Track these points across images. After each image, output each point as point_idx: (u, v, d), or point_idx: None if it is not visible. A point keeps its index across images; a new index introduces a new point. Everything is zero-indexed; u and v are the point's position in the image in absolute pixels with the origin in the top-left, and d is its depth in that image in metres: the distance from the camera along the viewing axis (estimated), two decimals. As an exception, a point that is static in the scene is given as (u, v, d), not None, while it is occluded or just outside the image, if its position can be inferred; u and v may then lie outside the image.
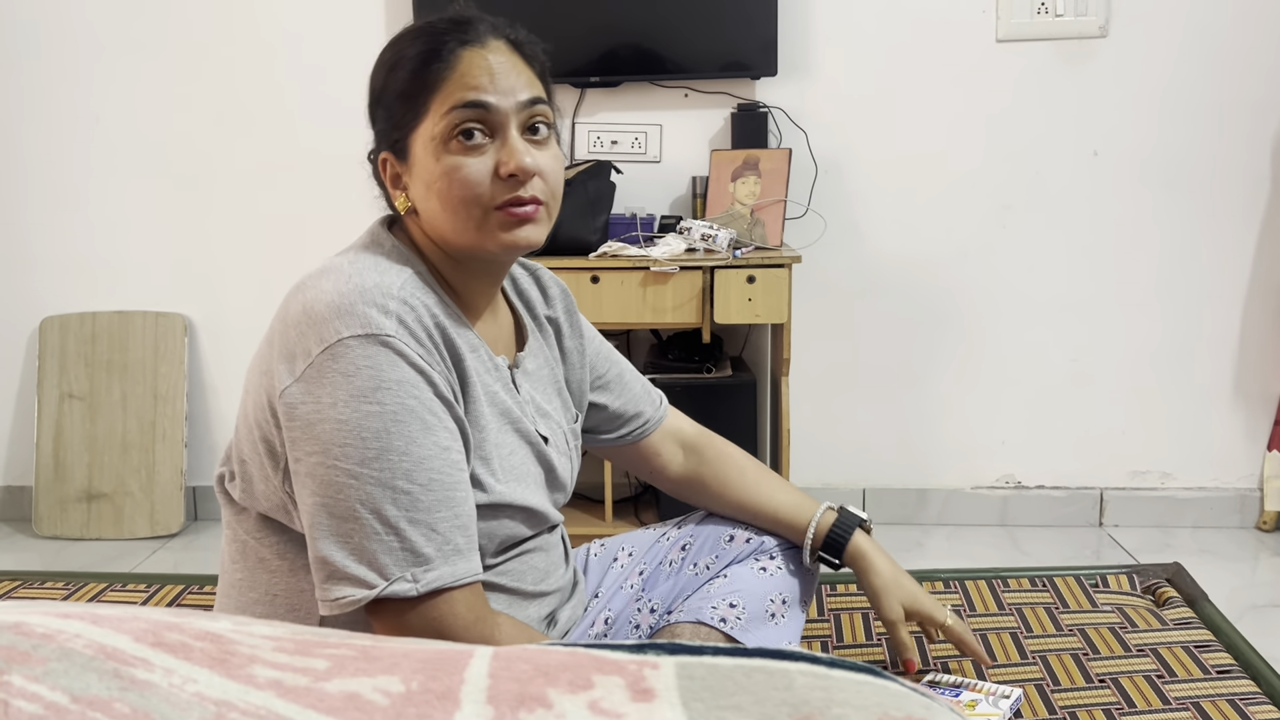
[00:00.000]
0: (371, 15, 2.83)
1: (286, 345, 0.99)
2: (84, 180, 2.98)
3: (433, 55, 1.03)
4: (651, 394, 1.39)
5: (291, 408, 0.97)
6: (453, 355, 1.04)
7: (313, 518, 0.98)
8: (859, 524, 1.34)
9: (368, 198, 1.18)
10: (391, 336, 0.97)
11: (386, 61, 1.08)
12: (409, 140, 1.05)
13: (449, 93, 1.02)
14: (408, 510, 0.96)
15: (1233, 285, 2.76)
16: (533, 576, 1.17)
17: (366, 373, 0.95)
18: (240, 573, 1.12)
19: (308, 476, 0.97)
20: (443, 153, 1.03)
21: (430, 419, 0.98)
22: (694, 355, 2.68)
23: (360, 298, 0.98)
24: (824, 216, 2.79)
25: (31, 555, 2.90)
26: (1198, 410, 2.83)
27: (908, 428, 2.92)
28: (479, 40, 1.04)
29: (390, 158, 1.09)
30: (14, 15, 2.90)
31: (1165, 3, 2.65)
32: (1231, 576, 2.54)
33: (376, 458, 0.95)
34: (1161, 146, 2.72)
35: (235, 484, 1.10)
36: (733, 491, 1.37)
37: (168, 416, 2.98)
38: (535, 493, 1.15)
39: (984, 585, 1.65)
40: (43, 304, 3.04)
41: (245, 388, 1.08)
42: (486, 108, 1.02)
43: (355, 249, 1.09)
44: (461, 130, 1.02)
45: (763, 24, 2.65)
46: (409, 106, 1.04)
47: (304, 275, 1.06)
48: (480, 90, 1.02)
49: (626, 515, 2.74)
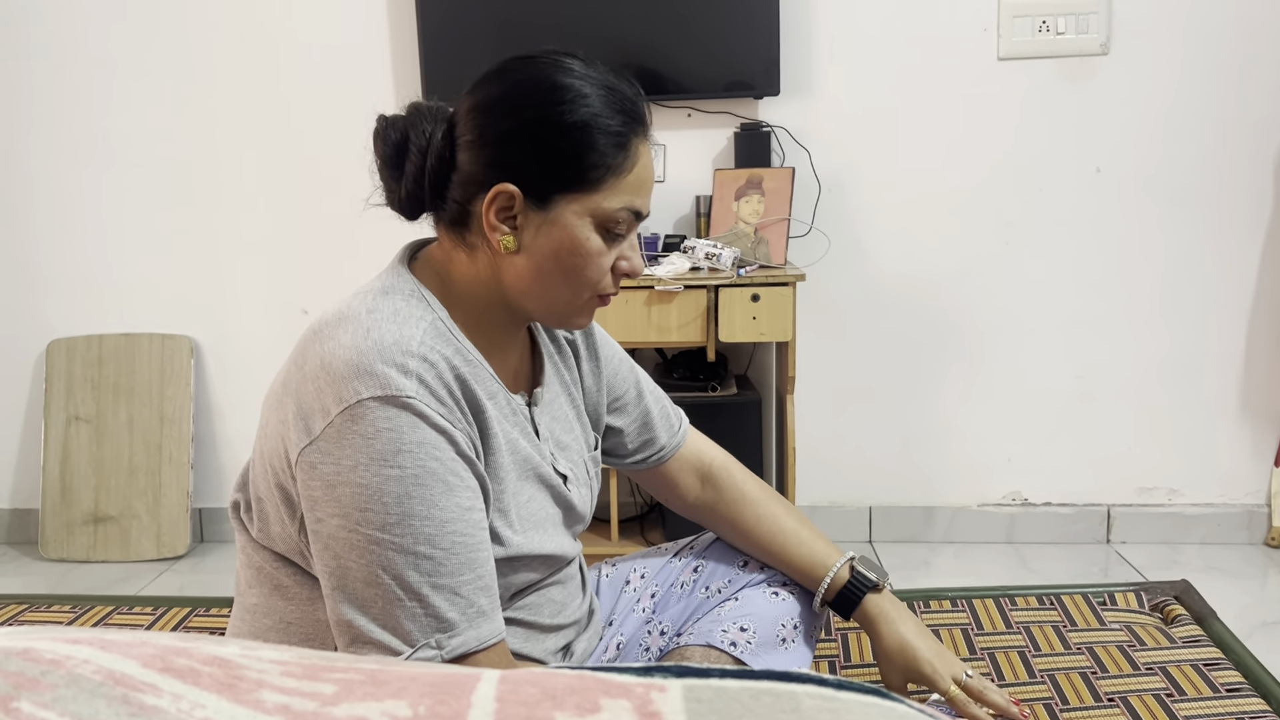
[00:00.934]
0: (379, 42, 2.85)
1: (304, 399, 0.97)
2: (91, 203, 2.99)
3: (624, 140, 1.03)
4: (670, 418, 1.37)
5: (311, 468, 0.96)
6: (473, 408, 1.03)
7: (335, 581, 0.96)
8: (871, 586, 1.30)
9: (375, 223, 1.17)
10: (412, 398, 0.95)
11: (566, 109, 1.01)
12: (558, 196, 1.03)
13: (627, 187, 1.04)
14: (431, 575, 0.95)
15: (1238, 301, 2.76)
16: (550, 610, 1.17)
17: (387, 435, 0.94)
18: (255, 598, 1.11)
19: (329, 539, 0.96)
20: (594, 231, 1.04)
21: (452, 480, 0.97)
22: (699, 374, 2.69)
23: (379, 356, 0.96)
24: (827, 235, 2.79)
25: (38, 578, 2.90)
26: (1204, 426, 2.82)
27: (913, 445, 2.92)
28: (648, 135, 1.07)
29: (518, 195, 1.02)
30: (24, 37, 2.92)
31: (1166, 19, 2.66)
32: (1240, 593, 2.53)
33: (398, 523, 0.94)
34: (1164, 163, 2.72)
35: (251, 518, 1.09)
36: (747, 537, 1.35)
37: (174, 439, 2.99)
38: (553, 537, 1.14)
39: (991, 604, 1.64)
40: (50, 327, 3.06)
41: (262, 423, 1.06)
42: (641, 218, 1.08)
43: (374, 292, 1.04)
44: (619, 224, 1.05)
45: (765, 44, 2.66)
46: (580, 172, 1.02)
47: (320, 319, 1.03)
48: (645, 202, 1.07)
49: (633, 534, 2.74)
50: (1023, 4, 2.68)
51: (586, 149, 1.01)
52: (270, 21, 2.86)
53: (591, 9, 2.70)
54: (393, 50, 2.84)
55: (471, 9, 2.70)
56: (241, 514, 1.12)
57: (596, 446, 1.27)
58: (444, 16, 2.71)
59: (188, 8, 2.87)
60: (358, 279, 3.14)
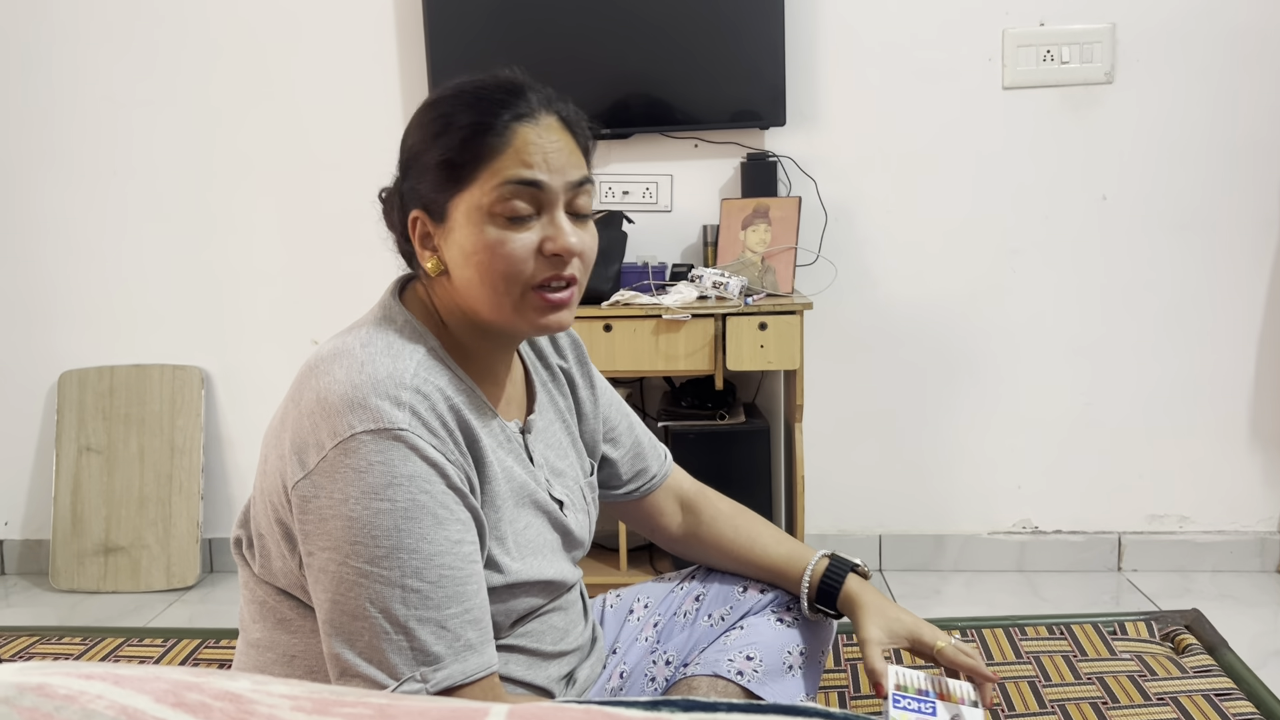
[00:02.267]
0: (387, 73, 2.87)
1: (300, 434, 0.99)
2: (102, 235, 3.02)
3: (485, 127, 1.02)
4: (657, 448, 1.39)
5: (305, 501, 0.97)
6: (468, 437, 1.04)
7: (325, 613, 0.97)
8: (851, 569, 1.32)
9: (383, 254, 1.19)
10: (404, 430, 0.96)
11: (431, 123, 1.06)
12: (449, 205, 1.04)
13: (502, 167, 1.01)
14: (417, 609, 0.95)
15: (1246, 327, 2.76)
16: (552, 636, 1.17)
17: (379, 469, 0.94)
18: (259, 632, 1.12)
19: (320, 572, 0.97)
20: (487, 224, 1.02)
21: (442, 513, 0.97)
22: (707, 402, 2.69)
23: (373, 389, 0.97)
24: (834, 263, 2.80)
25: (48, 609, 2.91)
26: (1214, 453, 2.82)
27: (923, 473, 2.91)
28: (532, 115, 1.03)
29: (424, 217, 1.06)
30: (33, 74, 2.96)
31: (1170, 48, 2.67)
32: (1252, 622, 2.51)
33: (386, 556, 0.94)
34: (1170, 189, 2.73)
35: (253, 554, 1.10)
36: (728, 550, 1.37)
37: (184, 469, 3.00)
38: (552, 563, 1.14)
39: (1001, 634, 1.64)
40: (61, 358, 3.08)
41: (263, 458, 1.07)
42: (539, 186, 1.02)
43: (367, 326, 1.07)
44: (509, 205, 1.02)
45: (771, 75, 2.68)
46: (455, 173, 1.03)
47: (316, 355, 1.04)
48: (534, 169, 1.02)
49: (641, 564, 2.73)
50: (1027, 34, 2.70)
51: (450, 152, 1.02)
52: (277, 55, 2.90)
53: (599, 42, 2.72)
54: (402, 86, 2.87)
55: (482, 41, 2.72)
56: (244, 550, 1.12)
57: (592, 473, 1.28)
58: (453, 55, 2.74)
59: (195, 43, 2.91)
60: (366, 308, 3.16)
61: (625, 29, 2.71)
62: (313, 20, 2.87)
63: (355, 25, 2.86)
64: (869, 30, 2.75)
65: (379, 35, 2.86)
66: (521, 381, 1.21)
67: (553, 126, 1.05)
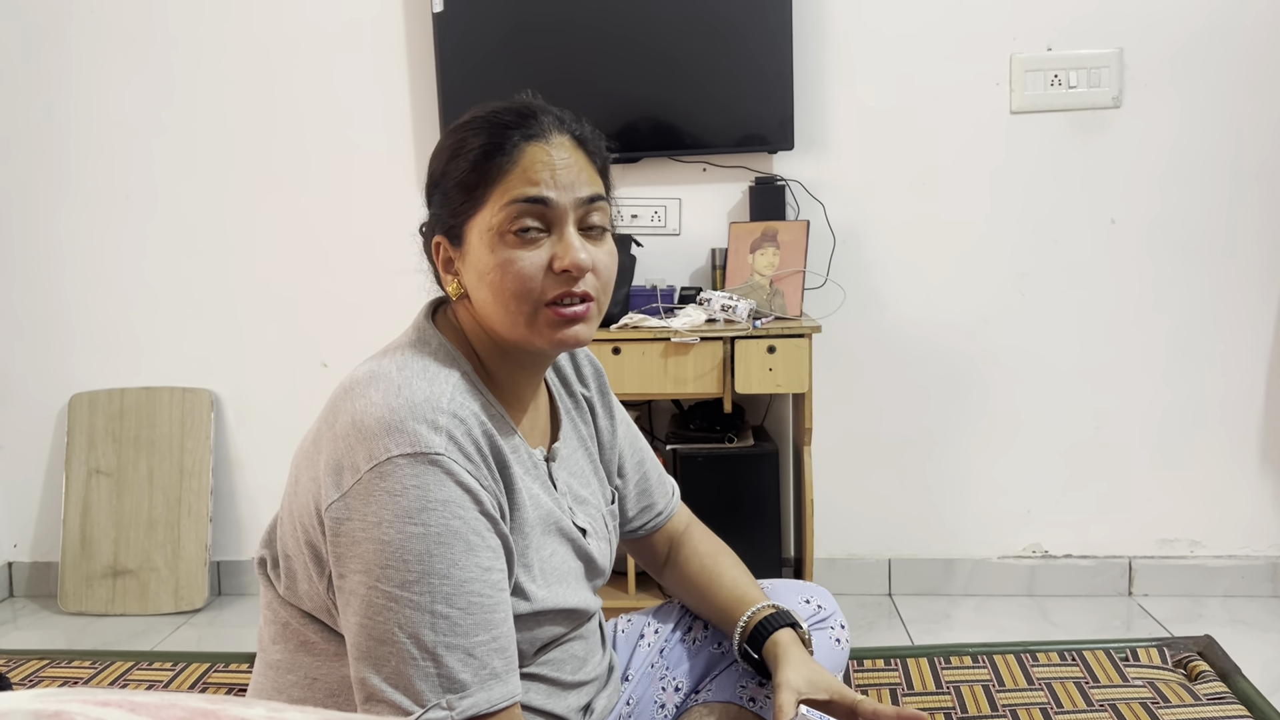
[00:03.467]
0: (400, 100, 2.90)
1: (335, 456, 0.99)
2: (114, 258, 3.04)
3: (496, 148, 1.03)
4: (665, 485, 1.39)
5: (337, 523, 0.97)
6: (499, 464, 1.04)
7: (353, 637, 0.97)
8: (789, 623, 1.22)
9: (394, 276, 1.20)
10: (440, 454, 0.96)
11: (448, 148, 1.08)
12: (465, 228, 1.05)
13: (510, 186, 1.02)
14: (445, 635, 0.95)
15: (1255, 350, 2.75)
16: (571, 665, 1.17)
17: (414, 493, 0.94)
18: (280, 653, 1.12)
19: (351, 595, 0.97)
20: (498, 244, 1.03)
21: (474, 539, 0.97)
22: (716, 425, 2.69)
23: (410, 413, 0.97)
24: (843, 286, 2.81)
25: (57, 631, 2.91)
26: (1224, 477, 2.80)
27: (932, 497, 2.90)
28: (543, 135, 1.05)
29: (444, 242, 1.08)
30: (48, 98, 2.99)
31: (1177, 73, 2.68)
32: (1265, 647, 2.49)
33: (417, 580, 0.94)
34: (1179, 213, 2.73)
35: (279, 575, 1.10)
36: (689, 591, 1.35)
37: (193, 491, 3.00)
38: (576, 591, 1.14)
39: (1012, 659, 1.63)
40: (72, 380, 3.09)
41: (292, 480, 1.07)
42: (546, 203, 1.02)
43: (403, 349, 1.07)
44: (519, 224, 1.02)
45: (779, 100, 2.70)
46: (468, 195, 1.04)
47: (352, 378, 1.05)
48: (541, 185, 1.02)
49: (650, 587, 2.73)
50: (1035, 58, 2.71)
51: (463, 175, 1.04)
52: (289, 84, 2.92)
53: (608, 67, 2.74)
54: (414, 112, 2.89)
55: (492, 68, 2.74)
56: (268, 570, 1.12)
57: (613, 501, 1.28)
58: (463, 77, 2.76)
59: (208, 69, 2.94)
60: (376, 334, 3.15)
61: (634, 54, 2.73)
62: (326, 49, 2.90)
63: (368, 52, 2.89)
64: (876, 55, 2.76)
65: (391, 62, 2.88)
66: (546, 408, 1.21)
67: (564, 145, 1.05)
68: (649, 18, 2.71)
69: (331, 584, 1.01)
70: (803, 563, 2.60)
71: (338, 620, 1.03)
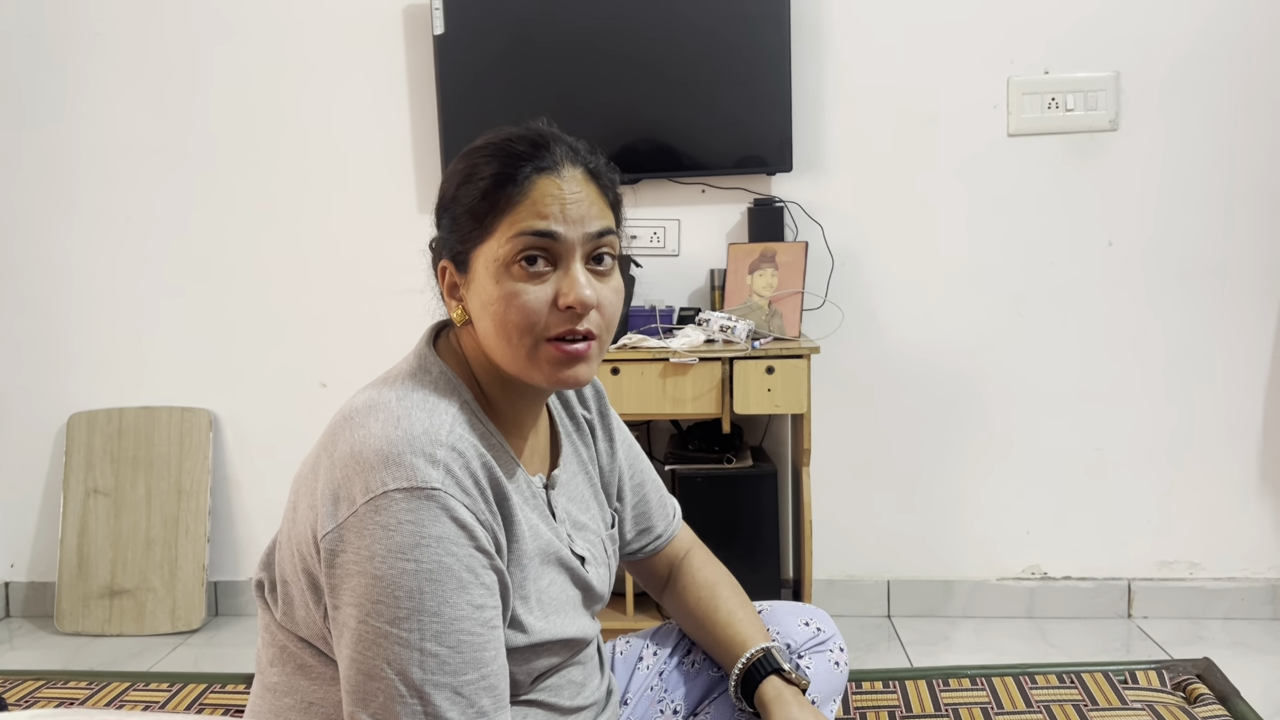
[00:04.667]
0: (399, 120, 2.91)
1: (332, 486, 0.98)
2: (114, 278, 3.05)
3: (507, 178, 1.02)
4: (665, 508, 1.38)
5: (332, 554, 0.97)
6: (498, 496, 1.03)
7: (345, 669, 0.97)
8: (775, 669, 1.22)
9: (392, 297, 1.20)
10: (437, 489, 0.95)
11: (459, 172, 1.07)
12: (471, 255, 1.05)
13: (518, 218, 1.01)
14: (434, 674, 0.94)
15: (1253, 373, 2.76)
16: (570, 691, 1.17)
17: (408, 528, 0.94)
18: (277, 676, 1.11)
19: (343, 627, 0.97)
20: (504, 276, 1.02)
21: (467, 576, 0.96)
22: (714, 445, 2.69)
23: (408, 446, 0.96)
24: (841, 308, 2.81)
25: (53, 652, 2.90)
26: (1224, 499, 2.80)
27: (931, 518, 2.90)
28: (555, 167, 1.03)
29: (450, 267, 1.08)
30: (53, 119, 3.00)
31: (1174, 96, 2.70)
32: (1265, 670, 2.49)
33: (407, 617, 0.93)
34: (1175, 236, 2.74)
35: (276, 599, 1.09)
36: (688, 622, 1.35)
37: (191, 511, 3.00)
38: (574, 620, 1.14)
39: (1011, 682, 1.63)
40: (71, 400, 3.09)
41: (291, 504, 1.06)
42: (554, 237, 1.01)
43: (403, 378, 1.07)
44: (525, 257, 1.01)
45: (778, 122, 2.71)
46: (476, 223, 1.03)
47: (352, 406, 1.04)
48: (550, 219, 1.01)
49: (648, 608, 2.72)
50: (1032, 82, 2.72)
51: (472, 202, 1.03)
52: (291, 104, 2.94)
53: (608, 88, 2.75)
54: (413, 132, 2.91)
55: (492, 90, 2.76)
56: (266, 594, 1.12)
57: (613, 525, 1.27)
58: (463, 99, 2.77)
59: (208, 89, 2.95)
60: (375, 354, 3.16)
61: (634, 76, 2.75)
62: (327, 70, 2.92)
63: (369, 74, 2.90)
64: (875, 77, 2.78)
65: (392, 84, 2.90)
66: (547, 432, 1.20)
67: (575, 178, 1.04)
68: (649, 40, 2.73)
69: (328, 613, 1.00)
70: (801, 584, 2.60)
71: (333, 648, 1.02)
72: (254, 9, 2.92)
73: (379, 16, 2.88)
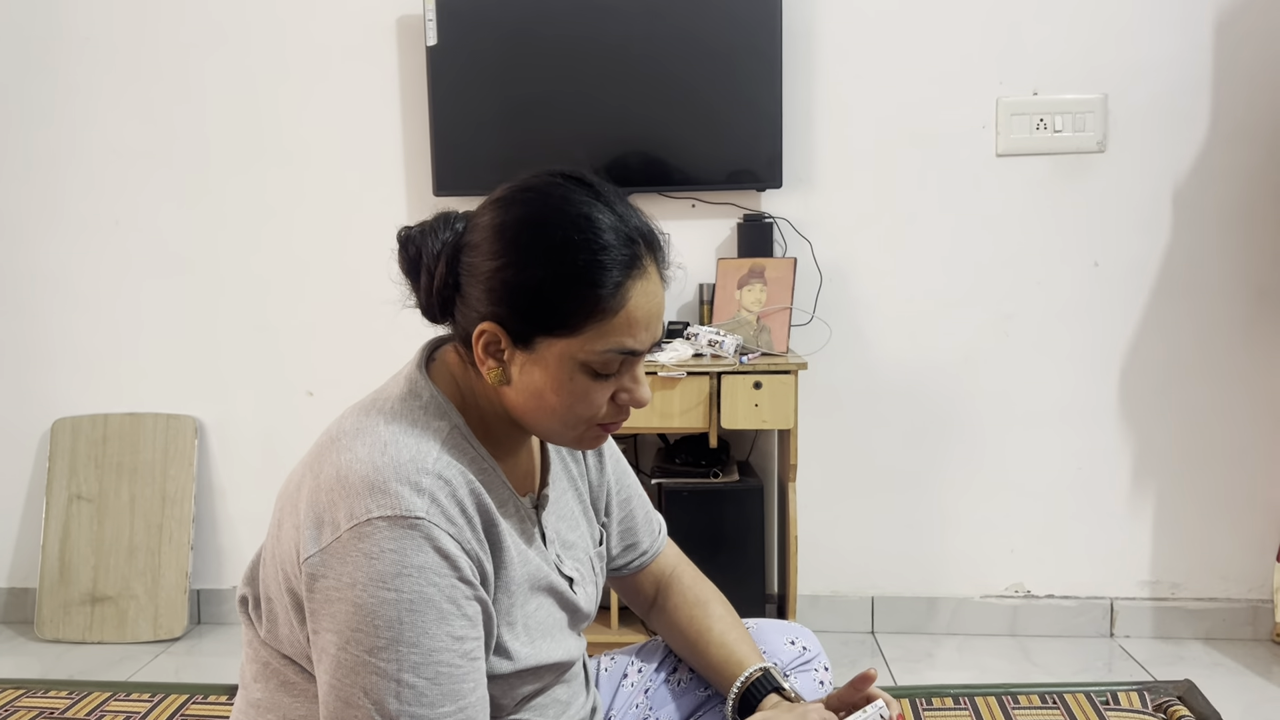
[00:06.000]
0: (390, 127, 2.91)
1: (316, 509, 0.98)
2: (99, 284, 3.04)
3: (595, 283, 0.98)
4: (651, 524, 1.37)
5: (313, 579, 0.96)
6: (486, 523, 1.03)
7: (323, 694, 0.96)
8: (774, 689, 1.22)
9: (381, 307, 1.17)
10: (421, 518, 0.95)
11: (530, 242, 0.99)
12: (537, 339, 1.00)
13: (608, 330, 0.99)
14: (410, 705, 0.93)
15: (1237, 395, 2.78)
16: (555, 710, 1.16)
17: (390, 556, 0.93)
18: (260, 692, 1.11)
19: (322, 652, 0.96)
20: (577, 373, 1.01)
21: (448, 607, 0.95)
22: (701, 460, 2.70)
23: (394, 473, 0.96)
24: (829, 324, 2.82)
25: (32, 659, 2.88)
26: (1205, 520, 2.82)
27: (916, 535, 2.91)
28: (644, 271, 1.01)
29: (501, 336, 1.01)
30: (41, 123, 2.99)
31: (1162, 119, 2.72)
32: (1245, 691, 2.50)
33: (386, 647, 0.93)
34: (1161, 257, 2.76)
35: (260, 616, 1.09)
36: (678, 642, 1.33)
37: (175, 519, 2.98)
38: (560, 643, 1.14)
39: (994, 701, 1.63)
40: (55, 405, 3.08)
41: (275, 522, 1.05)
42: (636, 355, 1.03)
43: (392, 401, 1.05)
44: (605, 366, 1.01)
45: (768, 138, 2.72)
46: (553, 316, 0.99)
47: (339, 428, 1.03)
48: (638, 341, 1.01)
49: (633, 622, 2.72)
50: (1021, 103, 2.74)
51: (550, 290, 0.98)
52: (282, 112, 2.94)
53: (599, 101, 2.76)
54: (404, 139, 2.91)
55: (485, 102, 2.76)
56: (250, 610, 1.11)
57: (602, 542, 1.27)
58: (455, 110, 2.77)
59: (197, 97, 2.95)
60: (362, 364, 3.16)
61: (626, 90, 2.75)
62: (318, 79, 2.92)
63: (360, 84, 2.91)
64: (865, 95, 2.79)
65: (384, 94, 2.90)
66: (536, 450, 1.20)
67: (653, 279, 1.02)
68: (641, 55, 2.74)
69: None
70: (786, 599, 2.60)
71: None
72: (246, 17, 2.92)
73: (372, 27, 2.89)
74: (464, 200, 1.92)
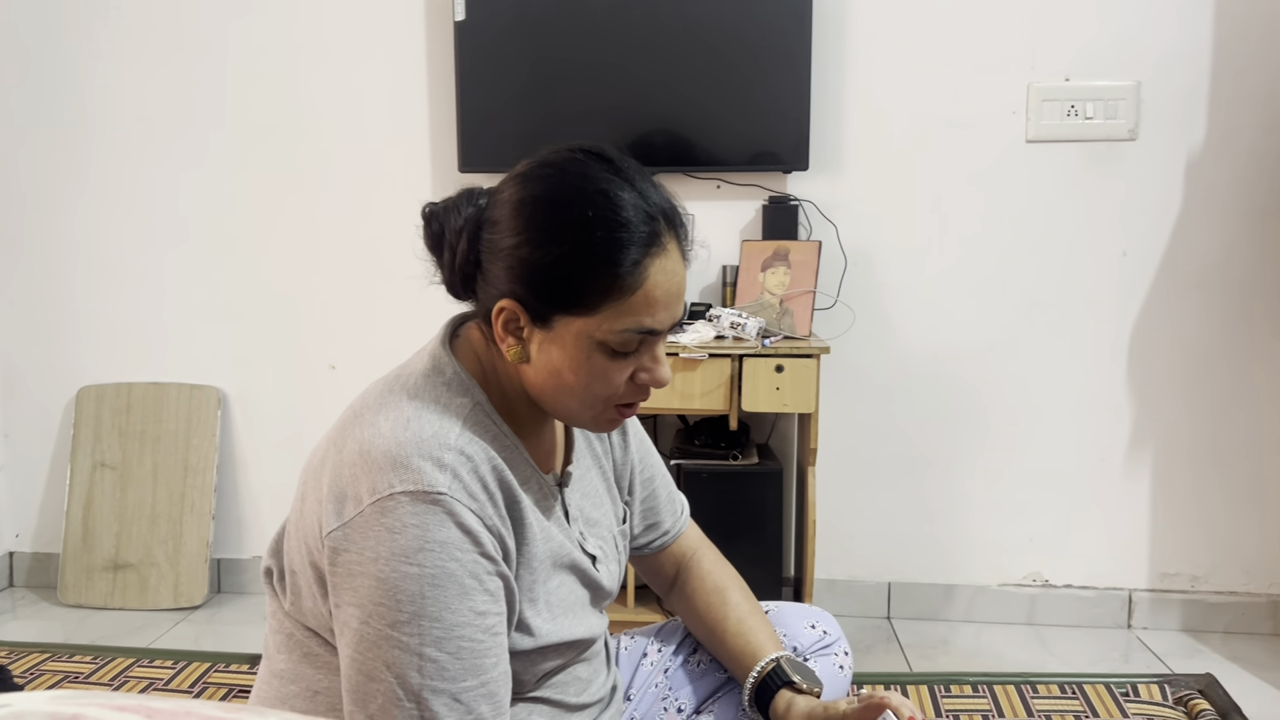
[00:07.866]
0: (416, 106, 2.91)
1: (339, 483, 0.98)
2: (126, 253, 3.05)
3: (614, 263, 0.97)
4: (674, 503, 1.37)
5: (335, 553, 0.97)
6: (509, 499, 1.03)
7: (345, 668, 0.97)
8: (786, 682, 1.20)
9: (405, 281, 1.17)
10: (444, 494, 0.95)
11: (548, 222, 0.99)
12: (555, 318, 1.00)
13: (626, 309, 0.99)
14: (432, 679, 0.94)
15: (1263, 388, 2.75)
16: (576, 688, 1.17)
17: (412, 531, 0.93)
18: (284, 663, 1.11)
19: (344, 626, 0.97)
20: (595, 352, 1.00)
21: (470, 582, 0.96)
22: (721, 442, 2.69)
23: (417, 449, 0.96)
24: (853, 308, 2.81)
25: (55, 623, 2.91)
26: (1227, 513, 2.80)
27: (934, 522, 2.90)
28: (664, 249, 1.00)
29: (520, 313, 1.01)
30: (67, 92, 3.00)
31: (1194, 108, 2.69)
32: (1264, 686, 2.49)
33: (408, 621, 0.93)
34: (1191, 248, 2.73)
35: (284, 588, 1.09)
36: (696, 626, 1.33)
37: (197, 488, 3.01)
38: (582, 620, 1.14)
39: (1013, 690, 1.63)
40: (80, 373, 3.10)
41: (300, 495, 1.06)
42: (656, 333, 1.02)
43: (416, 378, 1.05)
44: (623, 345, 1.01)
45: (795, 120, 2.71)
46: (572, 295, 0.98)
47: (363, 402, 1.04)
48: (657, 319, 1.00)
49: (649, 601, 2.73)
50: (1052, 89, 2.72)
51: (570, 269, 0.98)
52: (307, 85, 2.94)
53: (625, 80, 2.75)
54: (431, 118, 2.91)
55: (511, 77, 2.75)
56: (274, 582, 1.12)
57: (625, 520, 1.27)
58: (482, 85, 2.77)
59: (229, 67, 2.95)
60: (386, 337, 3.16)
61: (653, 68, 2.74)
62: (346, 53, 2.91)
63: (389, 58, 2.90)
64: (894, 78, 2.77)
65: (411, 68, 2.90)
66: (560, 427, 1.20)
67: (674, 257, 1.01)
68: (669, 33, 2.72)
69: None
70: (803, 583, 2.60)
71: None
72: (276, -11, 2.92)
73: (401, 1, 2.88)
74: (489, 177, 1.91)
